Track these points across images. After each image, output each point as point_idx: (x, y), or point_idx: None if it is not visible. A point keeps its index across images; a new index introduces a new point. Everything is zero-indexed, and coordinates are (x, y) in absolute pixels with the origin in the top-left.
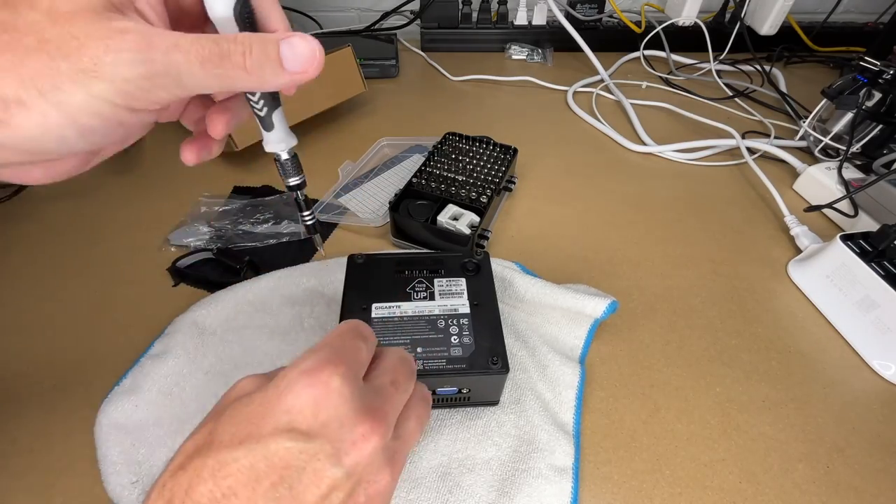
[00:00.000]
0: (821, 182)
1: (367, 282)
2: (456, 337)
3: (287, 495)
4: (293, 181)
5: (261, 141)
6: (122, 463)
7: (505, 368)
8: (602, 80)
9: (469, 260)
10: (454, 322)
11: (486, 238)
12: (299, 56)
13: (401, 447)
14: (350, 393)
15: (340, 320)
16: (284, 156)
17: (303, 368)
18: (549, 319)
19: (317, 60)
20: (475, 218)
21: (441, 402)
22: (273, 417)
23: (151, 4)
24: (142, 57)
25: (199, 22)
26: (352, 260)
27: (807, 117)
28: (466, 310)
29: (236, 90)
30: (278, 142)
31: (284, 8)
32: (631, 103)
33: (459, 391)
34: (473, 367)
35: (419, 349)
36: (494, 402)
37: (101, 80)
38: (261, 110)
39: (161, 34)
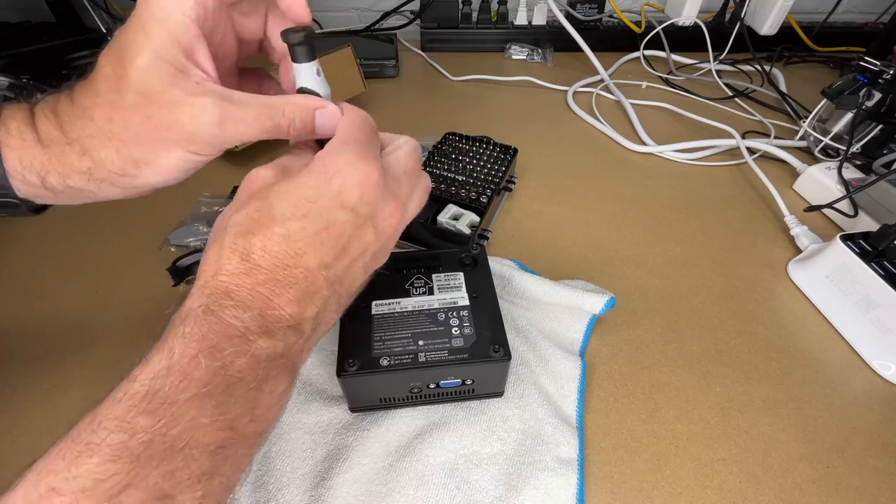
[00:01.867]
0: (821, 182)
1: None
2: (457, 328)
3: (341, 253)
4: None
5: (261, 141)
6: None
7: (507, 356)
8: (602, 80)
9: (466, 254)
10: (454, 314)
11: (486, 238)
12: (327, 124)
13: (404, 193)
14: (383, 182)
15: (341, 320)
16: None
17: (346, 160)
18: (549, 315)
19: (335, 125)
20: (475, 218)
21: (446, 396)
22: (328, 197)
23: (205, 55)
24: (217, 130)
25: (253, 49)
26: None
27: (807, 117)
28: (466, 302)
29: None
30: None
31: None
32: (631, 103)
33: (463, 382)
34: (475, 356)
35: (421, 342)
36: (499, 394)
37: (192, 143)
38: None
39: (230, 110)
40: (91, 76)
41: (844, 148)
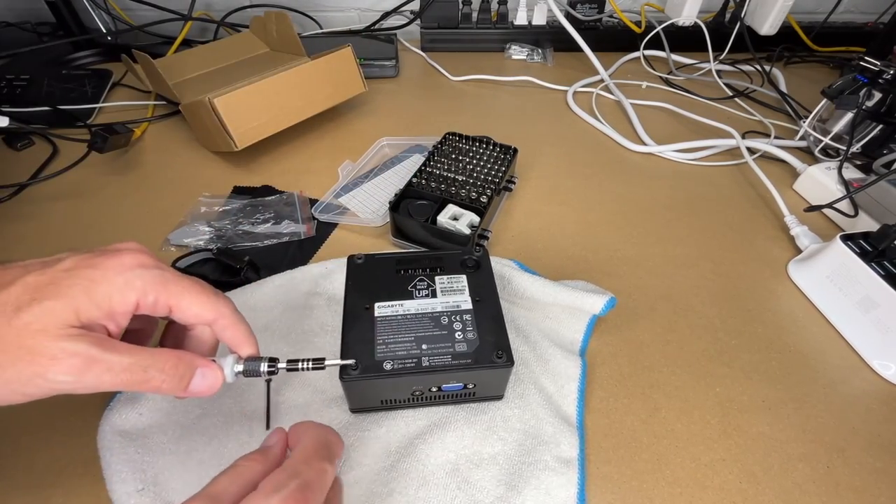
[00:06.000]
0: (821, 182)
1: (368, 282)
2: (460, 333)
3: None
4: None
5: (261, 141)
6: (128, 471)
7: (510, 362)
8: (602, 80)
9: (468, 257)
10: (457, 318)
11: (486, 238)
12: (204, 386)
13: None
14: None
15: (343, 321)
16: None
17: None
18: (549, 315)
19: (214, 391)
20: (475, 218)
21: (447, 398)
22: None
23: (118, 321)
24: (75, 378)
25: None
26: (351, 260)
27: (807, 117)
28: (469, 306)
29: None
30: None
31: (285, 8)
32: (631, 103)
33: (465, 386)
34: (479, 362)
35: (424, 346)
36: (499, 397)
37: (35, 387)
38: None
39: (102, 358)
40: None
41: (844, 148)
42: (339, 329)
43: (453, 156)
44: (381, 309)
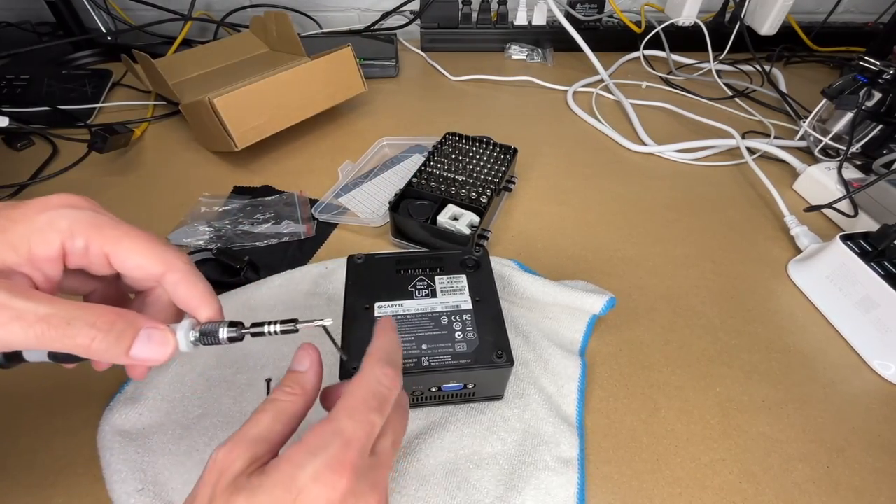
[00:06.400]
0: (821, 182)
1: (368, 282)
2: (460, 333)
3: None
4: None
5: (260, 141)
6: (128, 471)
7: (510, 362)
8: (602, 80)
9: (468, 257)
10: (457, 318)
11: (486, 238)
12: (151, 348)
13: (382, 474)
14: (361, 485)
15: (343, 321)
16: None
17: (318, 469)
18: (549, 315)
19: (164, 359)
20: (475, 218)
21: (446, 398)
22: None
23: (43, 270)
24: None
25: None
26: (351, 260)
27: (807, 117)
28: (469, 306)
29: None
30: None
31: (285, 8)
32: (631, 103)
33: (465, 386)
34: (478, 362)
35: (424, 346)
36: (499, 397)
37: None
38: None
39: (10, 305)
40: None
41: (844, 148)
42: (338, 329)
43: (453, 156)
44: (381, 309)
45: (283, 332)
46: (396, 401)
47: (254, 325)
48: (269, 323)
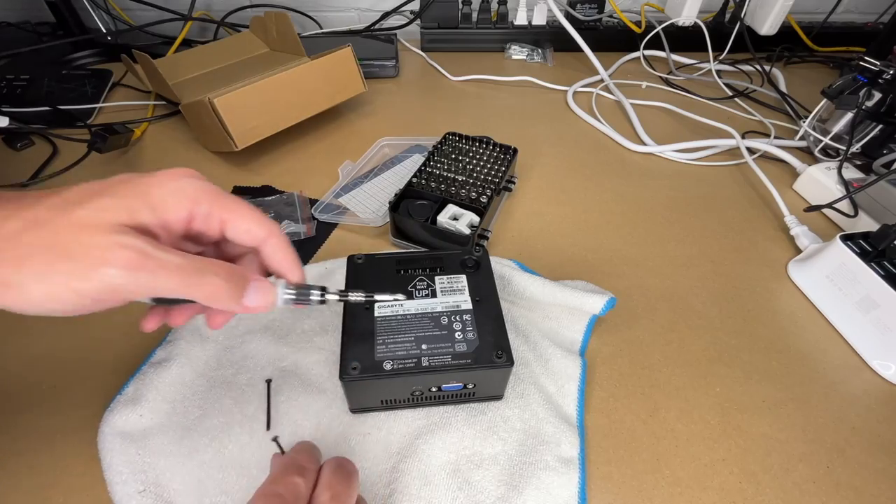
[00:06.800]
0: (821, 182)
1: (368, 282)
2: (460, 333)
3: None
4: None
5: (260, 141)
6: (129, 472)
7: (510, 362)
8: (602, 80)
9: (468, 257)
10: (457, 318)
11: (486, 238)
12: (258, 297)
13: None
14: None
15: (343, 321)
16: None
17: None
18: (549, 315)
19: (269, 308)
20: (475, 218)
21: (446, 399)
22: None
23: (170, 231)
24: (127, 272)
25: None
26: (351, 260)
27: (807, 117)
28: (469, 306)
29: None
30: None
31: (285, 8)
32: (631, 103)
33: (465, 386)
34: (478, 362)
35: (424, 346)
36: (499, 397)
37: (87, 281)
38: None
39: (155, 255)
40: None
41: (844, 148)
42: (339, 329)
43: (453, 156)
44: (381, 309)
45: (365, 301)
46: (334, 465)
47: (340, 291)
48: (352, 292)
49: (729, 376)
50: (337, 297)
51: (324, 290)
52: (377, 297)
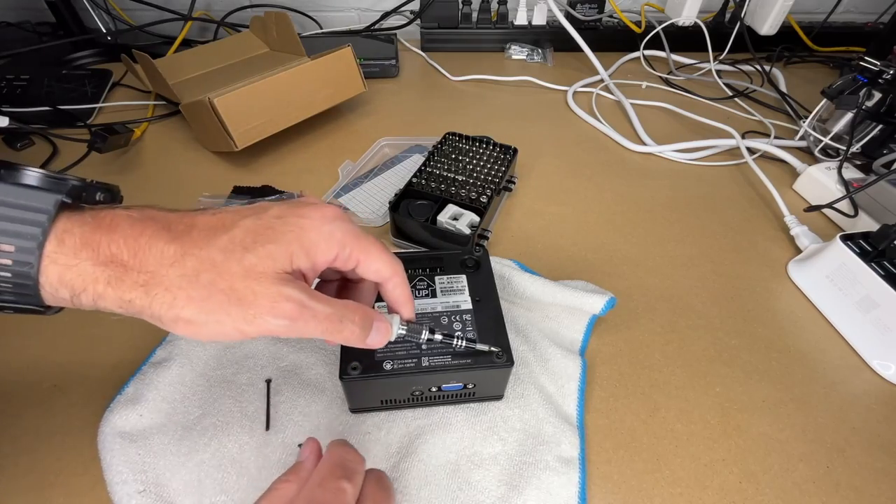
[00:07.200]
0: (821, 182)
1: None
2: (460, 333)
3: None
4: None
5: (260, 141)
6: (129, 472)
7: (510, 362)
8: (602, 80)
9: (468, 257)
10: (457, 318)
11: (487, 238)
12: (379, 337)
13: None
14: None
15: None
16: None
17: None
18: (549, 315)
19: (383, 344)
20: (475, 218)
21: (447, 399)
22: None
23: (317, 271)
24: (288, 322)
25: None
26: None
27: (807, 117)
28: (469, 306)
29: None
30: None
31: (285, 8)
32: (631, 103)
33: (465, 386)
34: (478, 362)
35: (424, 346)
36: (499, 397)
37: (253, 326)
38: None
39: (311, 306)
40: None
41: (844, 148)
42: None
43: (453, 156)
44: (381, 309)
45: (466, 346)
46: (377, 479)
47: (444, 335)
48: (458, 337)
49: (729, 376)
50: (440, 339)
51: (432, 331)
52: (478, 347)
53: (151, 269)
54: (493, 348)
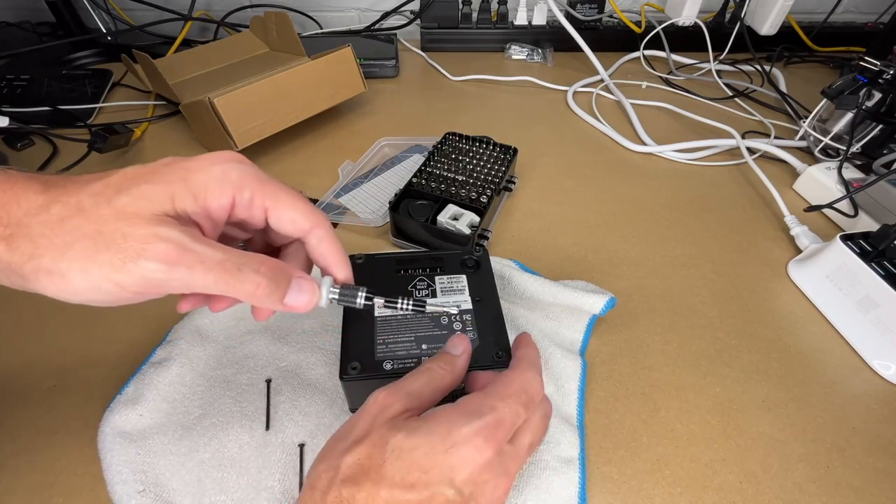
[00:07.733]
0: (821, 182)
1: (368, 282)
2: (408, 297)
3: None
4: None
5: (260, 141)
6: (129, 472)
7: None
8: (602, 80)
9: (468, 257)
10: (457, 318)
11: (487, 238)
12: (302, 297)
13: (515, 465)
14: (500, 464)
15: (343, 321)
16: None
17: (471, 432)
18: (549, 314)
19: (310, 308)
20: (475, 218)
21: (446, 398)
22: (439, 469)
23: (212, 219)
24: (165, 266)
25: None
26: (351, 260)
27: (807, 117)
28: (469, 306)
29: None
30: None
31: (285, 8)
32: (631, 103)
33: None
34: (479, 362)
35: (424, 346)
36: None
37: (127, 273)
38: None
39: (194, 249)
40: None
41: (844, 148)
42: (339, 329)
43: (453, 156)
44: (381, 309)
45: (413, 309)
46: (542, 407)
47: (387, 299)
48: (403, 299)
49: (729, 376)
50: (383, 303)
51: (371, 293)
52: (428, 308)
53: (16, 220)
54: (448, 310)
